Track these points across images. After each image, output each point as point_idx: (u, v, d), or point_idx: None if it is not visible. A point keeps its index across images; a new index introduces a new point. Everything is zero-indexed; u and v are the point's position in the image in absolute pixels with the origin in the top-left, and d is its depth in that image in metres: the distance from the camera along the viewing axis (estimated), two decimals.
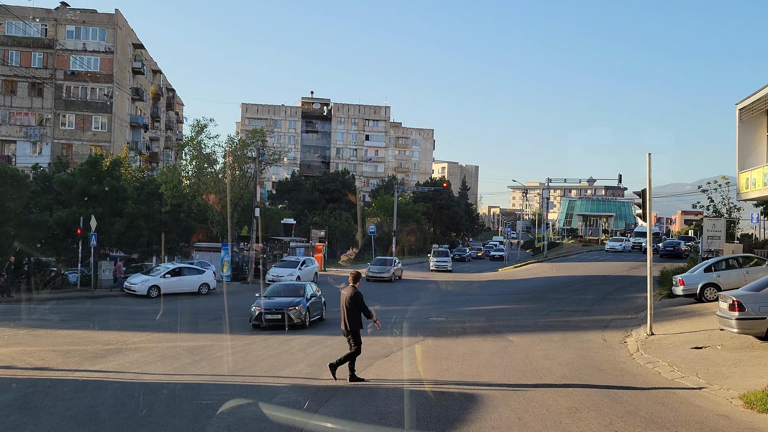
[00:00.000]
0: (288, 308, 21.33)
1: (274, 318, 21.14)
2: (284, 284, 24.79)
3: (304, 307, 21.72)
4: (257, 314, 21.33)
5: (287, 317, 21.13)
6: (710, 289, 23.66)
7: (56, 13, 60.78)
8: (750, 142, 26.72)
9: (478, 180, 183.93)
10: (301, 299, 22.00)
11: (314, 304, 22.82)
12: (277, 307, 21.37)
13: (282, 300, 22.01)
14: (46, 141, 59.46)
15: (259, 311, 21.37)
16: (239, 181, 46.40)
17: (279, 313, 21.16)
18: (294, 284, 24.82)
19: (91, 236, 33.17)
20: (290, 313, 21.22)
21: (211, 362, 15.28)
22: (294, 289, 23.26)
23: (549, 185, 75.73)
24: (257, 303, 21.88)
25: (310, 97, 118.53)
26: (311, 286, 23.91)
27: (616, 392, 11.53)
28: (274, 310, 21.24)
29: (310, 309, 22.25)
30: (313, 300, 22.83)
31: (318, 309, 23.24)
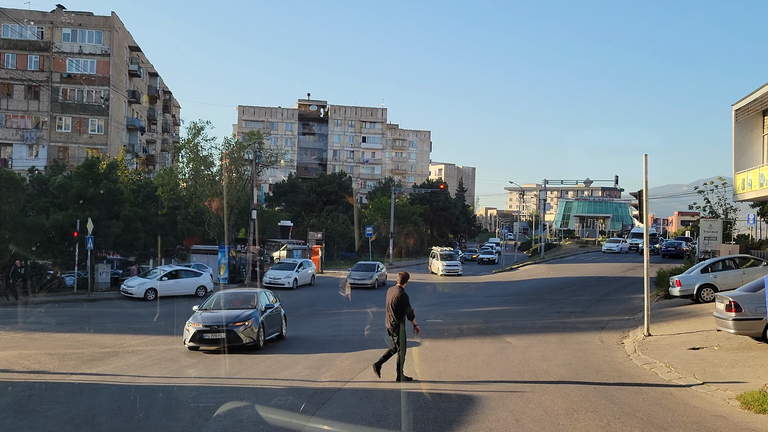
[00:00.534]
0: (235, 324, 16.84)
1: (216, 337, 16.62)
2: (232, 293, 20.02)
3: (257, 322, 17.26)
4: (193, 333, 16.72)
5: (234, 336, 16.67)
6: (707, 289, 23.70)
7: (52, 15, 60.72)
8: (746, 142, 26.80)
9: (475, 181, 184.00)
10: (252, 312, 17.49)
11: (271, 317, 18.43)
12: (220, 323, 16.86)
13: (227, 314, 17.43)
14: (43, 144, 59.37)
15: (196, 329, 16.75)
16: (236, 184, 46.36)
17: (222, 330, 16.64)
18: (243, 293, 20.03)
19: (87, 239, 33.11)
20: (238, 331, 16.73)
21: (208, 365, 15.27)
22: (244, 299, 18.82)
23: (546, 187, 75.74)
24: (194, 318, 17.31)
25: (306, 99, 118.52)
26: (266, 294, 19.43)
27: (614, 393, 11.53)
28: (215, 327, 16.69)
29: (265, 324, 17.86)
30: (270, 313, 18.38)
31: (276, 324, 18.95)
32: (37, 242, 34.97)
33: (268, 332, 18.10)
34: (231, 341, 16.64)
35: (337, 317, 26.22)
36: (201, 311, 17.95)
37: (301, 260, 42.38)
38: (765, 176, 24.07)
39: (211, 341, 16.77)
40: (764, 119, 26.19)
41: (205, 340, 16.79)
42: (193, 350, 16.91)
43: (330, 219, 69.31)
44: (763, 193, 24.49)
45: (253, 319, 17.26)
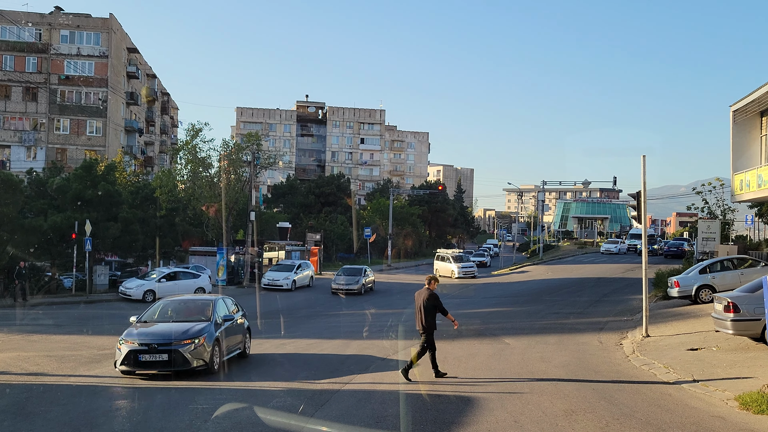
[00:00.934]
0: (181, 342, 13.47)
1: (156, 360, 13.43)
2: (181, 301, 16.34)
3: (211, 339, 13.91)
4: (126, 354, 13.40)
5: (179, 358, 13.38)
6: (705, 290, 23.71)
7: (50, 17, 60.69)
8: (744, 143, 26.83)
9: (473, 183, 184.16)
10: (205, 326, 14.13)
11: (230, 332, 15.20)
12: (161, 340, 13.54)
13: (172, 328, 14.10)
14: (41, 145, 59.32)
15: (129, 348, 13.41)
16: (234, 185, 46.36)
17: (164, 350, 13.39)
18: (195, 300, 16.41)
19: (85, 241, 33.09)
20: (185, 351, 13.38)
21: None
22: (195, 308, 15.34)
23: (544, 188, 75.79)
24: (128, 334, 13.89)
25: (305, 101, 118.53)
26: (225, 302, 16.00)
27: (612, 394, 11.53)
28: (155, 347, 13.39)
29: (223, 341, 14.52)
30: (229, 325, 15.13)
31: (237, 339, 15.71)
32: (35, 244, 34.94)
33: (228, 350, 14.95)
34: (176, 364, 13.35)
35: (336, 319, 26.21)
36: (139, 324, 14.61)
37: (300, 262, 42.36)
38: (763, 177, 24.10)
39: (149, 364, 13.43)
40: (762, 120, 26.23)
41: (142, 363, 13.40)
42: (128, 375, 13.61)
43: (328, 220, 69.31)
44: (761, 193, 24.52)
45: (206, 335, 13.78)
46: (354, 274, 37.45)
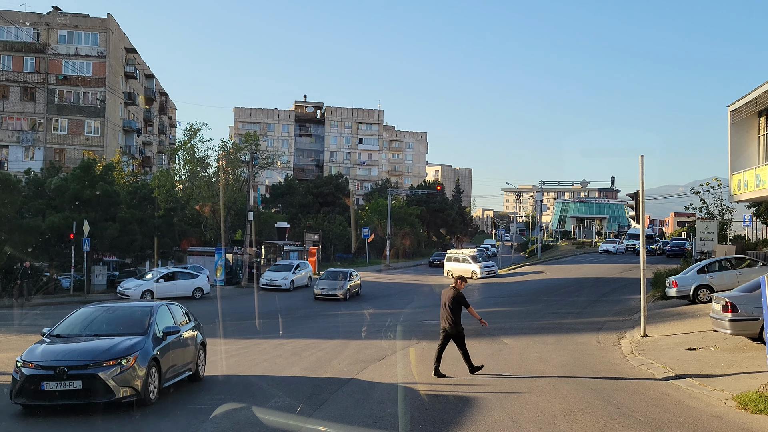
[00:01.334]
0: (102, 364, 10.23)
1: (65, 389, 10.04)
2: (107, 309, 12.52)
3: (146, 358, 10.65)
4: (24, 380, 10.15)
5: (98, 386, 10.14)
6: (703, 290, 23.72)
7: (48, 17, 60.63)
8: (742, 143, 26.86)
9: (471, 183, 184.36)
10: (138, 341, 10.90)
11: (175, 348, 11.92)
12: (74, 362, 10.24)
13: (89, 345, 10.80)
14: (39, 146, 59.26)
15: (30, 373, 10.15)
16: (233, 185, 46.33)
17: (78, 375, 10.06)
18: (126, 308, 12.71)
19: (84, 241, 33.05)
20: (105, 376, 10.14)
21: (205, 366, 15.22)
22: (127, 319, 11.90)
23: (542, 188, 75.87)
24: (30, 352, 10.64)
25: (303, 101, 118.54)
26: (171, 310, 12.70)
27: (611, 394, 11.54)
28: (64, 370, 10.03)
29: (163, 361, 11.20)
30: (174, 340, 11.92)
31: (185, 358, 12.45)
32: (33, 244, 34.92)
33: (168, 374, 11.48)
34: (93, 394, 10.09)
35: (334, 319, 26.21)
36: (48, 339, 11.21)
37: (298, 262, 42.36)
38: (761, 177, 24.13)
39: (54, 395, 10.01)
40: (760, 120, 26.25)
41: (44, 394, 10.00)
42: (28, 407, 10.44)
43: (327, 220, 69.33)
44: (759, 193, 24.55)
45: (138, 354, 10.53)
46: (338, 278, 34.61)
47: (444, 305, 13.27)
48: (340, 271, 36.59)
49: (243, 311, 28.69)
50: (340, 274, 35.24)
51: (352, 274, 35.56)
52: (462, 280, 13.62)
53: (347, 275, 34.97)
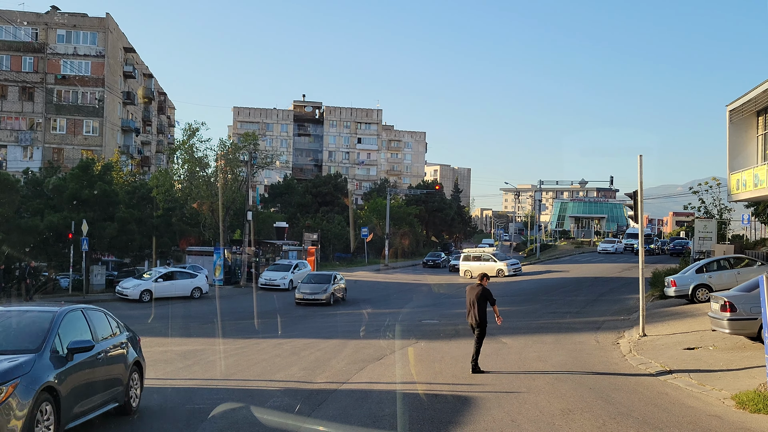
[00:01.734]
0: None
1: None
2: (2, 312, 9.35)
3: (33, 387, 7.36)
4: None
5: None
6: (702, 290, 23.73)
7: (47, 17, 60.59)
8: (740, 143, 26.88)
9: (470, 182, 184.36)
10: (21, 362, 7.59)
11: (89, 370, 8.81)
12: None
13: None
14: (37, 145, 59.22)
15: None
16: (231, 185, 46.32)
17: None
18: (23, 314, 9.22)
19: (82, 241, 33.04)
20: None
21: (204, 366, 15.22)
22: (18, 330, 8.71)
23: (541, 187, 75.88)
24: None
25: (302, 101, 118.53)
26: (88, 318, 9.54)
27: (609, 394, 11.54)
28: None
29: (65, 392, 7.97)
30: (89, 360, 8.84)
31: (107, 386, 9.34)
32: (32, 244, 34.90)
33: (75, 409, 8.35)
34: None
35: (333, 318, 26.21)
36: None
37: (297, 261, 42.37)
38: (759, 176, 24.14)
39: None
40: (758, 120, 26.27)
41: None
42: None
43: (325, 220, 69.34)
44: (757, 193, 24.56)
45: (20, 381, 7.29)
46: (321, 281, 32.54)
47: (471, 302, 13.81)
48: (324, 274, 34.63)
49: (242, 311, 28.69)
50: (323, 278, 33.19)
51: (336, 277, 33.41)
52: (486, 278, 14.30)
53: (332, 278, 32.85)
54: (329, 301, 31.34)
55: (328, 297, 31.35)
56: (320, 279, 32.96)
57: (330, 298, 31.47)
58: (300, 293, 31.54)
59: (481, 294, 13.79)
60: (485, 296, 13.81)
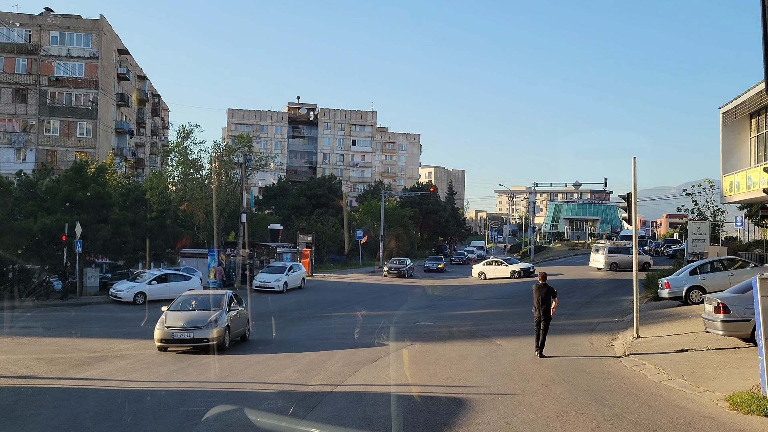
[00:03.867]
0: None
1: None
2: None
3: None
4: None
5: None
6: (695, 291, 23.82)
7: (40, 18, 60.38)
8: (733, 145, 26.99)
9: (464, 184, 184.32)
10: None
11: None
12: None
13: None
14: (31, 147, 59.00)
15: None
16: (226, 187, 46.22)
17: None
18: None
19: (76, 243, 32.91)
20: None
21: (198, 369, 15.19)
22: None
23: (535, 189, 75.95)
24: None
25: (296, 103, 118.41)
26: None
27: (603, 395, 11.56)
28: None
29: None
30: None
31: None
32: (25, 246, 34.73)
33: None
34: None
35: (327, 321, 26.18)
36: None
37: (291, 264, 42.28)
38: (752, 178, 24.23)
39: None
40: (751, 122, 26.38)
41: None
42: None
43: (320, 222, 69.21)
44: (750, 195, 24.65)
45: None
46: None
47: (538, 299, 15.98)
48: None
49: None
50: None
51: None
52: (544, 277, 16.49)
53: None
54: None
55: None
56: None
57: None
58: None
59: (548, 291, 16.00)
60: (551, 293, 16.06)
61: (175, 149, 46.62)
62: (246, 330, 20.10)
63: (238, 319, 19.29)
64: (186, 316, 18.20)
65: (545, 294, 16.01)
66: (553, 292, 16.15)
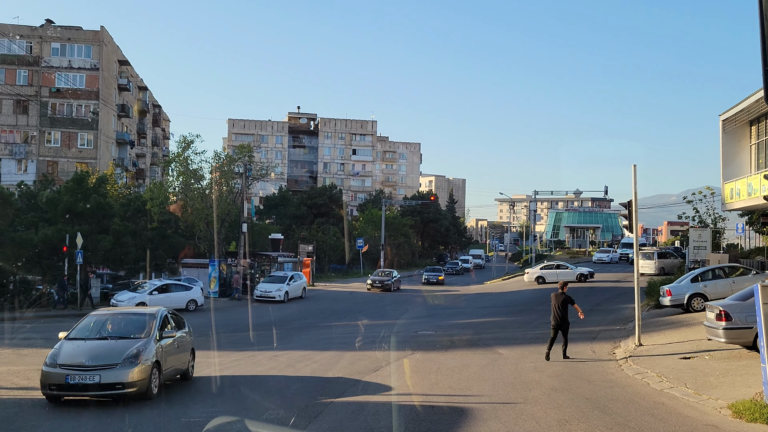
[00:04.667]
0: None
1: None
2: None
3: None
4: None
5: None
6: (697, 299, 23.76)
7: (41, 30, 60.62)
8: (734, 152, 27.01)
9: (465, 193, 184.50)
10: None
11: None
12: None
13: None
14: (32, 158, 59.11)
15: None
16: (226, 197, 46.25)
17: None
18: None
19: (77, 254, 32.90)
20: None
21: (198, 379, 15.14)
22: None
23: (536, 197, 76.00)
24: None
25: (296, 112, 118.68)
26: None
27: (606, 404, 11.52)
28: None
29: None
30: None
31: None
32: (26, 257, 34.73)
33: None
34: None
35: (328, 330, 26.13)
36: None
37: (292, 273, 42.24)
38: (753, 185, 24.23)
39: None
40: (751, 129, 26.40)
41: None
42: None
43: (321, 231, 69.25)
44: (751, 202, 24.65)
45: None
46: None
47: (556, 306, 16.68)
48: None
49: (237, 323, 28.58)
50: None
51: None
52: (566, 285, 17.35)
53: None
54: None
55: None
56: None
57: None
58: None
59: (565, 299, 16.71)
60: (568, 301, 16.75)
61: (176, 159, 46.68)
62: (188, 365, 14.84)
63: (175, 351, 13.85)
64: (91, 349, 12.54)
65: (563, 301, 16.74)
66: (570, 300, 16.87)
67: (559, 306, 16.77)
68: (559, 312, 16.70)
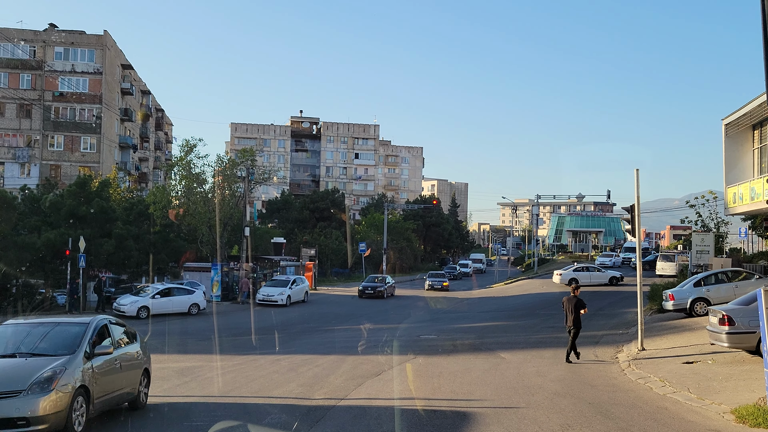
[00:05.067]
0: None
1: None
2: None
3: None
4: None
5: None
6: (700, 303, 23.74)
7: (44, 34, 60.78)
8: (736, 156, 26.96)
9: (467, 197, 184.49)
10: None
11: None
12: None
13: None
14: (35, 162, 59.23)
15: None
16: (229, 201, 46.29)
17: None
18: None
19: (79, 257, 32.95)
20: None
21: (201, 383, 15.16)
22: None
23: (538, 201, 75.98)
24: None
25: (299, 116, 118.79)
26: None
27: (609, 408, 11.50)
28: None
29: None
30: None
31: None
32: (29, 261, 34.78)
33: None
34: None
35: (331, 334, 26.12)
36: None
37: (295, 277, 42.24)
38: (756, 190, 24.19)
39: None
40: (754, 133, 26.37)
41: None
42: None
43: (323, 235, 69.28)
44: (754, 206, 24.60)
45: None
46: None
47: (569, 309, 17.16)
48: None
49: (239, 327, 28.59)
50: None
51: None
52: (577, 288, 17.93)
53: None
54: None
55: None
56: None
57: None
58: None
59: (577, 303, 17.14)
60: (579, 304, 17.18)
61: (179, 163, 46.75)
62: (139, 390, 12.04)
63: (115, 371, 11.04)
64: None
65: (575, 305, 17.14)
66: (582, 304, 17.33)
67: (572, 309, 17.16)
68: (572, 315, 17.09)
